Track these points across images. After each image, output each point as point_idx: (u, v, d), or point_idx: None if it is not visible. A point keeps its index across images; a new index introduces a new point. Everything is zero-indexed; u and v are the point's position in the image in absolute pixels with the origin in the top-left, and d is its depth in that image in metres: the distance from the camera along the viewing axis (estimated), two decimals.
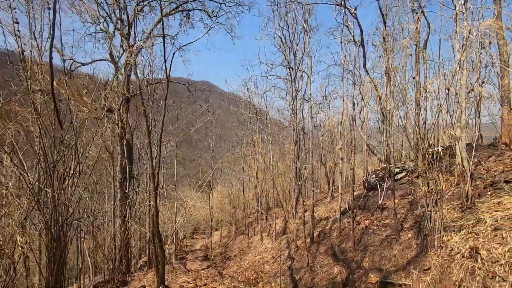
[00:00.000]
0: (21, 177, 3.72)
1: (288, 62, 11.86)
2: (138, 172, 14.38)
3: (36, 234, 3.83)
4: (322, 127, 14.53)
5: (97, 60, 12.83)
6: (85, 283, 9.58)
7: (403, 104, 6.21)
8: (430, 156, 4.41)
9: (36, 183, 3.88)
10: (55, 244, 3.85)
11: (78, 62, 12.44)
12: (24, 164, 3.86)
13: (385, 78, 7.02)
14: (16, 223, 3.62)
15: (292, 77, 11.92)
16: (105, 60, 12.55)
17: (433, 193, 4.31)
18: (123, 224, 10.41)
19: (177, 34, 15.03)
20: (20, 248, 3.56)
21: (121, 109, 10.50)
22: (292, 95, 12.08)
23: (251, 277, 8.68)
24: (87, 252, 8.73)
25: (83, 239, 10.02)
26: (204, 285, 6.95)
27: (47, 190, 3.82)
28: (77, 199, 4.21)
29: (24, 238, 3.57)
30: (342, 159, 10.53)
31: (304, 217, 9.73)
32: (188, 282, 7.08)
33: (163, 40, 8.11)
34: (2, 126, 3.69)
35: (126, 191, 11.91)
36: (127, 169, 12.48)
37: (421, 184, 4.86)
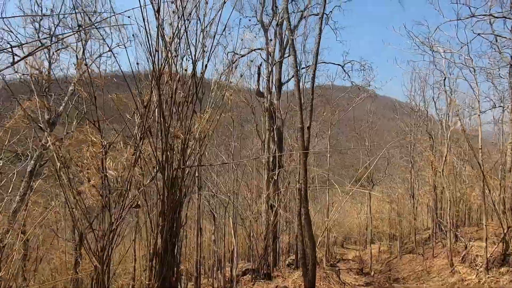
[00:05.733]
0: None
1: None
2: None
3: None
4: None
5: (253, 50, 13.27)
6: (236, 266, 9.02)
7: None
8: None
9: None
10: (167, 189, 2.64)
11: (238, 54, 13.13)
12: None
13: None
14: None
15: None
16: (260, 49, 12.74)
17: None
18: (270, 210, 9.45)
19: (331, 11, 13.15)
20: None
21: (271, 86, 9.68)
22: None
23: None
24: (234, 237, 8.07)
25: (236, 224, 9.74)
26: None
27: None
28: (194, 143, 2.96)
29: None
30: None
31: None
32: None
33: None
34: None
35: (275, 178, 11.04)
36: (276, 156, 11.71)
37: None
